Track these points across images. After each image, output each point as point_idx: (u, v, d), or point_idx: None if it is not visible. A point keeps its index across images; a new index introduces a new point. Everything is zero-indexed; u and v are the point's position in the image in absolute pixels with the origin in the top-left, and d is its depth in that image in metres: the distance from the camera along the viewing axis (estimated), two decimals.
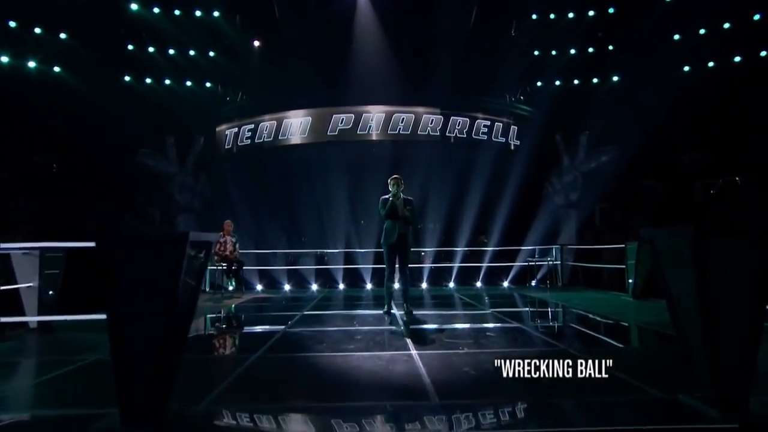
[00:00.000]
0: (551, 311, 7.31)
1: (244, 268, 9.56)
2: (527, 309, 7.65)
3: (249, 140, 14.49)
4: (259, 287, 10.59)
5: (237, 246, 9.38)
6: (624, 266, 8.10)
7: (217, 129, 14.85)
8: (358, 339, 4.81)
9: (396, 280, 6.71)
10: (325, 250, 12.78)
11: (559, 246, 10.57)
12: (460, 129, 14.36)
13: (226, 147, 14.79)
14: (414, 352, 4.18)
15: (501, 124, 14.70)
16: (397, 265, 6.54)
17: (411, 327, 5.58)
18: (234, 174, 13.93)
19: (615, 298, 8.15)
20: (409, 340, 4.70)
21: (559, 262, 10.38)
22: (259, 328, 6.07)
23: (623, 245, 8.21)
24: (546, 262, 10.09)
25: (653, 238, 3.07)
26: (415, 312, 6.52)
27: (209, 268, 9.67)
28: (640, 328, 5.58)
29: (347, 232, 13.17)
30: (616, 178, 12.90)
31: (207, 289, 9.75)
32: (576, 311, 6.90)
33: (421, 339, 4.87)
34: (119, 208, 11.16)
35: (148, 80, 13.88)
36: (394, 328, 5.54)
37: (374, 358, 3.99)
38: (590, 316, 6.48)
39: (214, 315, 6.88)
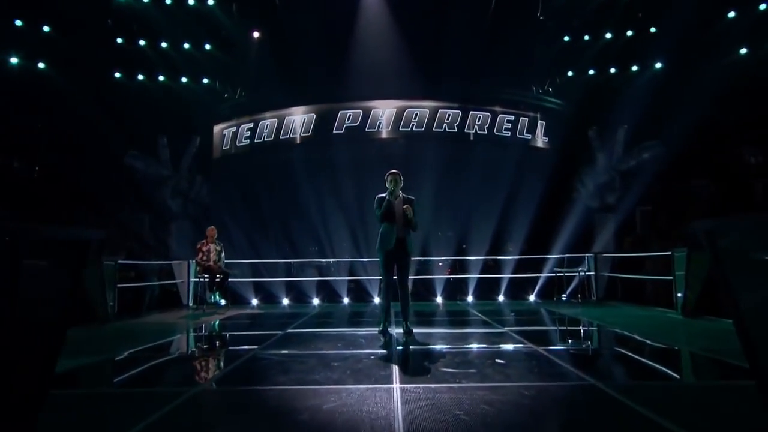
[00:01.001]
0: (582, 332, 6.46)
1: (229, 279, 8.96)
2: (552, 328, 6.84)
3: (248, 140, 14.18)
4: (254, 302, 10.13)
5: (222, 255, 8.85)
6: (671, 278, 7.20)
7: (214, 128, 14.58)
8: (335, 366, 4.11)
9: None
10: (331, 260, 12.32)
11: (592, 254, 9.67)
12: (481, 125, 13.76)
13: (223, 148, 14.50)
14: (397, 385, 3.46)
15: (527, 119, 14.08)
16: (395, 276, 5.83)
17: (404, 351, 4.89)
18: (232, 177, 13.65)
19: (660, 316, 7.27)
20: (396, 369, 3.99)
21: (593, 273, 9.50)
22: (224, 351, 5.42)
23: (669, 252, 7.30)
24: (577, 273, 9.22)
25: (713, 234, 2.27)
26: (416, 331, 5.83)
27: (192, 280, 9.20)
28: (694, 356, 4.68)
29: (355, 240, 12.65)
30: (660, 177, 12.05)
31: (190, 304, 9.22)
32: (613, 332, 6.04)
33: (412, 367, 4.17)
34: (104, 215, 10.79)
35: (140, 77, 13.62)
36: (383, 351, 4.82)
37: (343, 393, 3.27)
38: (630, 338, 5.62)
39: (178, 335, 6.25)
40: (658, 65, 13.55)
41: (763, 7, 12.02)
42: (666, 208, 11.62)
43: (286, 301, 10.22)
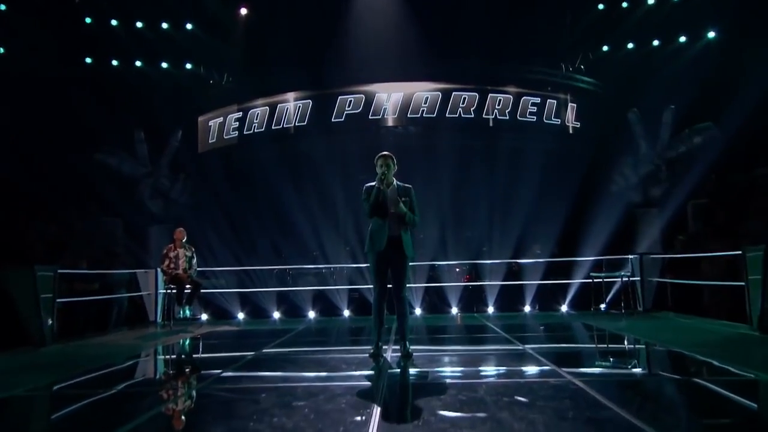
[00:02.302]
0: (632, 354, 5.56)
1: (205, 290, 8.30)
2: (592, 347, 5.99)
3: (236, 131, 13.76)
4: (240, 315, 9.54)
5: (193, 261, 8.17)
6: (743, 283, 6.20)
7: (199, 119, 14.19)
8: (297, 407, 3.29)
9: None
10: (331, 266, 11.93)
11: (638, 256, 8.74)
12: (501, 109, 13.17)
13: (209, 141, 14.08)
14: None
15: (555, 102, 13.49)
16: (389, 285, 5.06)
17: (395, 383, 4.05)
18: (219, 173, 13.17)
19: (730, 332, 6.34)
20: (377, 412, 3.14)
21: (638, 279, 8.58)
22: (166, 383, 4.58)
23: (740, 252, 6.31)
24: (619, 278, 8.28)
25: None
26: (418, 353, 5.00)
27: (160, 291, 8.51)
28: None
29: (358, 243, 11.95)
30: (716, 166, 11.20)
31: (159, 320, 8.59)
32: (674, 355, 5.07)
33: (400, 409, 3.38)
34: (68, 219, 10.19)
35: (113, 62, 13.23)
36: (367, 383, 3.99)
37: None
38: (699, 363, 4.65)
39: (122, 362, 5.30)
40: (711, 35, 12.80)
41: None
42: (724, 201, 10.65)
43: (277, 315, 9.62)
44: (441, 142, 12.60)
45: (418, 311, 9.34)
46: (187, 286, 7.89)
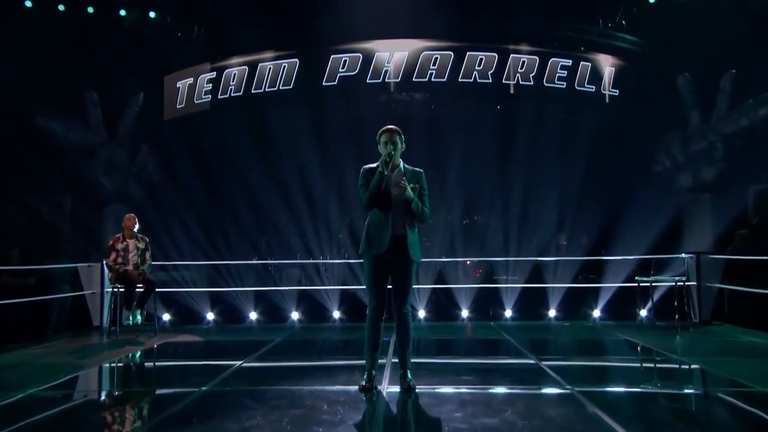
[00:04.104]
0: (702, 394, 4.82)
1: (156, 289, 7.69)
2: (646, 380, 5.33)
3: (209, 95, 13.39)
4: (210, 316, 9.10)
5: (147, 255, 7.59)
6: None
7: (165, 80, 13.78)
8: None
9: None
10: (320, 260, 11.78)
11: (693, 255, 8.10)
12: (525, 73, 12.86)
13: (177, 106, 13.68)
14: None
15: (589, 65, 13.18)
16: (389, 287, 4.56)
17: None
18: (188, 144, 12.85)
19: None
20: None
21: (694, 283, 7.98)
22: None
23: None
24: (673, 283, 7.62)
25: None
26: (420, 388, 4.34)
27: (107, 290, 7.97)
28: None
29: (352, 231, 12.13)
30: None
31: (105, 324, 8.02)
32: (748, 397, 4.32)
33: None
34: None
35: (60, 7, 12.55)
36: None
37: None
38: None
39: (14, 398, 4.37)
40: None
41: None
42: None
43: (254, 316, 9.20)
44: (452, 112, 12.55)
45: (421, 314, 8.87)
46: (139, 285, 7.33)
